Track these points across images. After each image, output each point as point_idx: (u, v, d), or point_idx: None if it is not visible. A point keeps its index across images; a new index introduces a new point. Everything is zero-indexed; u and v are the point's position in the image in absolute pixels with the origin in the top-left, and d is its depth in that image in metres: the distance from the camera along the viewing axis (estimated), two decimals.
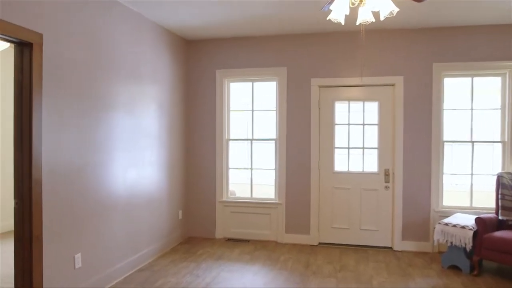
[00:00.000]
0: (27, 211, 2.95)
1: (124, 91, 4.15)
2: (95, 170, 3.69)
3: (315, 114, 5.27)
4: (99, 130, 3.74)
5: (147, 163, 4.61)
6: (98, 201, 3.74)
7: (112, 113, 3.94)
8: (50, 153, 3.12)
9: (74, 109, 3.40)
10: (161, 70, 4.93)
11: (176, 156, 5.34)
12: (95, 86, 3.67)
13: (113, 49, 3.94)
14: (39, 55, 2.98)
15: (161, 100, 4.93)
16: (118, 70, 4.03)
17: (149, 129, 4.66)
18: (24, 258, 2.96)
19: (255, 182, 5.65)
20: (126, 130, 4.19)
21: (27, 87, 2.93)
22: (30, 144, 2.93)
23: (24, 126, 2.94)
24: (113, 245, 3.95)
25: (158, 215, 4.87)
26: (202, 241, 5.48)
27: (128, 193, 4.23)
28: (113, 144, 3.96)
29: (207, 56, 5.60)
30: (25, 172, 2.95)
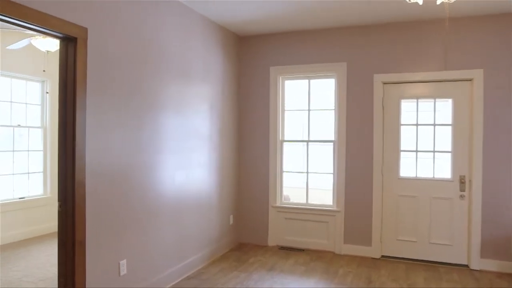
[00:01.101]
0: (70, 214, 2.81)
1: (173, 89, 3.96)
2: (142, 172, 3.51)
3: (378, 113, 4.77)
4: (146, 130, 3.56)
5: (196, 165, 4.40)
6: (145, 205, 3.56)
7: (159, 113, 3.75)
8: (94, 154, 2.96)
9: (120, 108, 3.23)
10: (212, 67, 4.70)
11: (227, 158, 5.09)
12: (141, 84, 3.50)
13: (162, 46, 3.76)
14: (84, 51, 2.83)
15: (212, 99, 4.71)
16: (166, 68, 3.84)
17: (199, 129, 4.44)
18: (67, 263, 2.82)
19: (311, 187, 5.25)
20: (174, 131, 4.00)
21: (71, 85, 2.79)
22: (74, 144, 2.79)
23: (68, 126, 2.80)
24: (160, 251, 3.76)
25: (208, 219, 4.64)
26: (254, 248, 5.18)
27: (176, 196, 4.03)
28: (160, 145, 3.78)
29: (261, 53, 5.31)
30: (68, 174, 2.81)
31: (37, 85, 5.88)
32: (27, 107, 5.76)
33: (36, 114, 5.90)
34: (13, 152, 5.56)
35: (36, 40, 4.31)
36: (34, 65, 5.53)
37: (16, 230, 5.43)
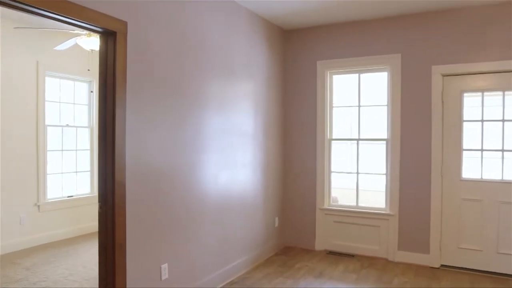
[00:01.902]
0: (110, 216, 2.71)
1: (215, 85, 3.79)
2: (183, 172, 3.37)
3: (437, 108, 4.35)
4: (188, 129, 3.42)
5: (240, 165, 4.21)
6: (187, 206, 3.41)
7: (202, 110, 3.60)
8: (134, 153, 2.85)
9: (160, 105, 3.10)
10: (256, 63, 4.50)
11: (272, 158, 4.87)
12: (183, 80, 3.35)
13: (204, 40, 3.60)
14: (123, 46, 2.72)
15: (256, 96, 4.50)
16: (209, 63, 3.68)
17: (243, 128, 4.25)
18: (107, 266, 2.72)
19: (361, 188, 4.91)
20: (217, 129, 3.83)
21: (111, 81, 2.68)
22: (113, 143, 2.68)
23: (107, 124, 2.70)
24: (202, 255, 3.60)
25: (252, 222, 4.44)
26: (300, 252, 4.92)
27: (219, 197, 3.86)
28: (203, 144, 3.62)
29: (307, 47, 5.03)
30: (108, 174, 2.70)
31: (84, 85, 5.96)
32: (75, 107, 5.85)
33: (83, 114, 5.98)
34: (62, 152, 5.66)
35: (81, 39, 4.31)
36: (80, 65, 5.60)
37: (64, 228, 5.52)
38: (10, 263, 4.48)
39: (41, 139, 5.22)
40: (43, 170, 5.27)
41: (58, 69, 5.44)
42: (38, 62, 5.17)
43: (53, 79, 5.51)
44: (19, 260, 4.60)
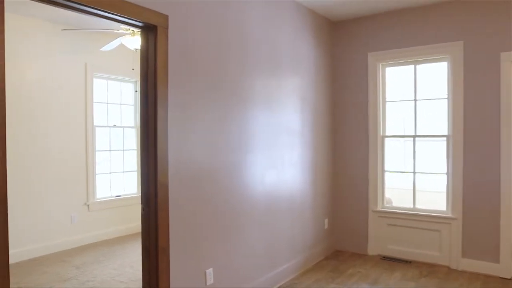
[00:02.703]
0: (153, 219, 2.60)
1: (260, 81, 3.60)
2: (228, 172, 3.21)
3: (507, 100, 3.89)
4: (232, 127, 3.25)
5: (288, 164, 4.00)
6: (232, 208, 3.25)
7: (246, 107, 3.42)
8: (176, 154, 2.72)
9: (203, 102, 2.96)
10: (303, 56, 4.26)
11: (321, 156, 4.61)
12: (226, 77, 3.19)
13: (248, 34, 3.42)
14: (164, 40, 2.59)
15: (303, 91, 4.27)
16: (253, 58, 3.49)
17: (290, 125, 4.04)
18: (151, 271, 2.61)
19: (418, 188, 4.52)
20: (263, 127, 3.64)
21: (152, 78, 2.57)
22: (155, 142, 2.57)
23: (149, 124, 2.59)
24: (249, 259, 3.43)
25: (301, 224, 4.21)
26: (352, 257, 4.63)
27: (266, 198, 3.67)
28: (248, 143, 3.45)
29: (357, 38, 4.72)
30: (150, 175, 2.59)
31: (130, 86, 6.01)
32: (121, 107, 5.91)
33: (130, 114, 6.03)
34: (110, 152, 5.73)
35: (125, 39, 4.28)
36: (126, 65, 5.62)
37: (113, 227, 5.58)
38: (61, 261, 4.56)
39: (89, 140, 5.30)
40: (92, 170, 5.35)
41: (105, 70, 5.50)
42: (87, 64, 5.25)
43: (101, 80, 5.58)
44: (70, 258, 4.67)
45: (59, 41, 4.94)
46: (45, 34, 4.80)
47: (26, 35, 4.63)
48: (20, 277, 4.10)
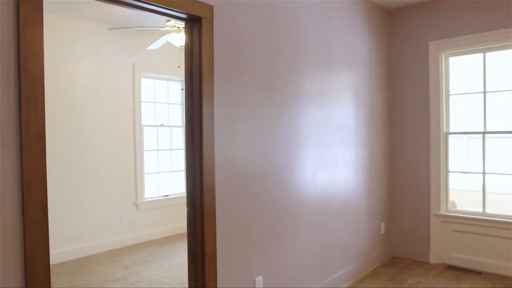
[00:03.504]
0: (199, 222, 2.44)
1: (311, 77, 3.36)
2: (278, 172, 3.00)
3: None
4: (282, 125, 3.04)
5: (341, 164, 3.73)
6: (282, 211, 3.04)
7: (296, 105, 3.19)
8: (223, 153, 2.55)
9: (251, 100, 2.77)
10: (357, 49, 3.96)
11: (376, 155, 4.28)
12: (275, 71, 2.98)
13: (297, 26, 3.19)
14: (209, 32, 2.43)
15: (357, 86, 3.96)
16: (303, 51, 3.25)
17: (343, 122, 3.75)
18: (197, 277, 2.46)
19: (488, 191, 4.06)
20: (314, 125, 3.40)
21: (197, 72, 2.42)
22: (201, 142, 2.41)
23: (195, 122, 2.44)
24: (300, 266, 3.20)
25: (355, 228, 3.92)
26: (412, 264, 4.26)
27: (318, 201, 3.43)
28: (298, 142, 3.22)
29: (415, 27, 4.33)
30: (196, 176, 2.44)
31: (177, 84, 5.97)
32: (168, 106, 5.88)
33: (177, 113, 5.99)
34: (158, 151, 5.72)
35: (171, 36, 4.20)
36: (172, 64, 5.57)
37: (161, 227, 5.57)
38: (111, 261, 4.58)
39: (138, 139, 5.30)
40: (141, 170, 5.35)
41: (152, 69, 5.49)
42: (134, 64, 5.25)
43: (148, 80, 5.58)
44: (120, 258, 4.68)
45: (106, 41, 4.97)
46: (93, 35, 4.85)
47: (74, 36, 4.68)
48: (72, 276, 4.15)
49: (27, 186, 1.66)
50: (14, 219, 1.64)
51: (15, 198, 1.64)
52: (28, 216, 1.67)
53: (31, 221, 1.68)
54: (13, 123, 1.64)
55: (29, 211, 1.67)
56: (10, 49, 1.63)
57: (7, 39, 1.62)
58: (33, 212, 1.68)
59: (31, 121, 1.67)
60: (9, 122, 1.63)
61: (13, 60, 1.64)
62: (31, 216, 1.67)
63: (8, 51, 1.63)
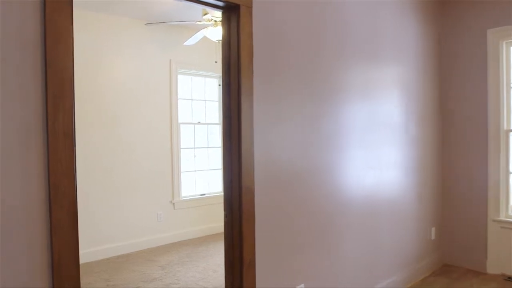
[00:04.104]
0: (237, 227, 2.27)
1: (357, 70, 3.10)
2: (321, 173, 2.78)
3: None
4: (325, 122, 2.81)
5: (388, 165, 3.45)
6: (325, 215, 2.82)
7: (342, 100, 2.95)
8: (263, 153, 2.36)
9: (293, 93, 2.56)
10: (406, 40, 3.65)
11: (427, 155, 3.95)
12: (318, 65, 2.76)
13: (342, 16, 2.94)
14: (248, 22, 2.25)
15: (406, 80, 3.66)
16: (348, 43, 3.00)
17: (391, 119, 3.47)
18: (234, 286, 2.29)
19: None
20: (360, 122, 3.14)
21: (235, 66, 2.24)
22: (239, 140, 2.23)
23: (232, 118, 2.27)
24: (344, 273, 2.97)
25: (404, 233, 3.62)
26: (466, 274, 3.90)
27: (364, 204, 3.17)
28: (343, 140, 2.98)
29: (471, 13, 3.95)
30: (234, 177, 2.27)
31: (214, 81, 5.85)
32: (205, 103, 5.77)
33: (214, 111, 5.88)
34: (194, 149, 5.63)
35: (208, 30, 4.07)
36: (209, 60, 5.43)
37: (197, 226, 5.47)
38: (147, 260, 4.52)
39: (175, 137, 5.23)
40: (177, 168, 5.27)
41: (189, 66, 5.39)
42: (171, 60, 5.17)
43: (185, 76, 5.49)
44: (156, 257, 4.62)
45: (143, 38, 4.92)
46: (129, 31, 4.80)
47: (111, 33, 4.65)
48: (110, 274, 4.12)
49: (54, 187, 1.54)
50: (40, 223, 1.53)
51: (41, 201, 1.53)
52: (55, 220, 1.55)
53: (59, 225, 1.56)
54: (39, 122, 1.53)
55: (56, 214, 1.55)
56: (36, 40, 1.52)
57: (32, 28, 1.51)
58: (60, 215, 1.56)
59: (58, 119, 1.55)
60: (35, 121, 1.52)
61: (39, 52, 1.52)
62: (58, 220, 1.56)
63: (33, 42, 1.51)
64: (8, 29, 1.46)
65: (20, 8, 1.48)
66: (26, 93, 1.50)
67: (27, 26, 1.50)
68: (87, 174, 4.45)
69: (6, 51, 1.45)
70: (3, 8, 1.44)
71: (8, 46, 1.46)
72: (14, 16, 1.47)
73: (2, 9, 1.44)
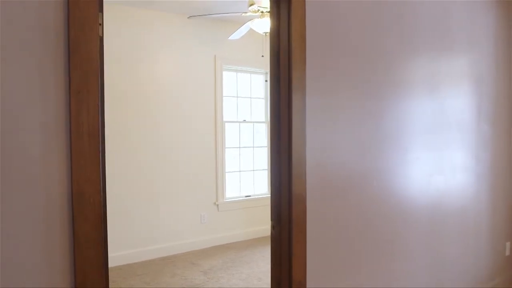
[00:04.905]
0: (286, 242, 1.99)
1: (424, 63, 2.71)
2: (381, 179, 2.42)
3: None
4: (385, 120, 2.45)
5: (457, 169, 3.01)
6: (386, 227, 2.46)
7: (404, 94, 2.58)
8: (317, 155, 2.06)
9: (350, 87, 2.23)
10: (478, 30, 3.18)
11: (501, 159, 3.45)
12: (380, 57, 2.40)
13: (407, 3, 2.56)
14: (301, 10, 1.95)
15: (478, 74, 3.19)
16: (412, 32, 2.62)
17: (461, 118, 3.03)
18: None
19: None
20: (425, 120, 2.74)
21: (285, 55, 1.95)
22: (289, 140, 1.95)
23: (282, 115, 1.98)
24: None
25: (473, 248, 3.17)
26: None
27: (430, 214, 2.77)
28: (406, 140, 2.60)
29: None
30: (283, 183, 1.99)
31: (260, 77, 5.59)
32: (251, 101, 5.53)
33: (260, 108, 5.62)
34: (239, 149, 5.41)
35: (254, 22, 3.81)
36: (255, 55, 5.15)
37: (242, 229, 5.25)
38: (190, 264, 4.36)
39: (219, 136, 5.03)
40: (222, 168, 5.07)
41: (234, 62, 5.17)
42: (216, 56, 4.97)
43: (230, 73, 5.27)
44: (199, 261, 4.45)
45: (186, 34, 4.75)
46: (172, 27, 4.64)
47: (152, 29, 4.51)
48: (151, 277, 3.99)
49: (78, 196, 1.34)
50: (63, 237, 1.34)
51: (63, 212, 1.33)
52: (79, 233, 1.35)
53: (83, 239, 1.36)
54: (61, 121, 1.33)
55: (80, 227, 1.35)
56: (58, 27, 1.32)
57: (54, 13, 1.31)
58: (85, 228, 1.36)
59: (82, 118, 1.34)
60: (56, 120, 1.32)
61: (62, 40, 1.32)
62: (83, 233, 1.36)
63: (55, 29, 1.31)
64: (27, 14, 1.26)
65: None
66: (47, 87, 1.30)
67: (48, 11, 1.30)
68: (130, 175, 4.36)
69: (25, 39, 1.26)
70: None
71: (27, 34, 1.27)
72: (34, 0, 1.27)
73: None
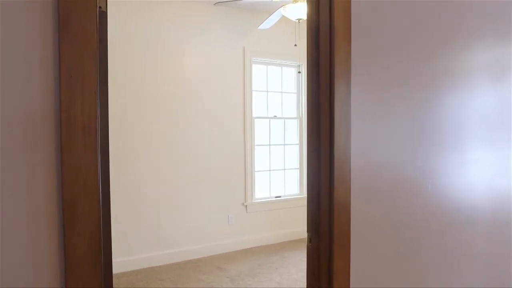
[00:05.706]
0: (326, 257, 1.67)
1: (482, 46, 2.30)
2: (435, 184, 2.05)
3: None
4: (438, 114, 2.07)
5: None
6: (441, 240, 2.09)
7: (461, 88, 2.19)
8: (363, 155, 1.73)
9: (400, 76, 1.88)
10: None
11: None
12: (432, 40, 2.02)
13: None
14: None
15: None
16: (472, 12, 2.22)
17: None
18: None
19: None
20: (487, 114, 2.33)
21: (325, 37, 1.63)
22: (330, 137, 1.63)
23: (322, 106, 1.66)
24: None
25: None
26: None
27: (492, 224, 2.37)
28: (463, 138, 2.21)
29: None
30: (322, 188, 1.67)
31: (292, 70, 5.27)
32: (282, 96, 5.21)
33: (291, 104, 5.29)
34: (269, 146, 5.10)
35: (286, 8, 3.49)
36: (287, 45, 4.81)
37: (271, 232, 4.95)
38: (216, 268, 4.11)
39: (248, 133, 4.75)
40: (251, 167, 4.79)
41: (264, 54, 4.87)
42: (245, 48, 4.69)
43: (259, 66, 4.97)
44: (226, 265, 4.19)
45: (213, 23, 4.49)
46: (197, 15, 4.38)
47: (175, 18, 4.27)
48: (175, 283, 3.77)
49: (69, 207, 1.07)
50: (52, 257, 1.08)
51: (53, 226, 1.07)
52: (71, 252, 1.09)
53: (76, 259, 1.10)
54: (49, 111, 1.06)
55: (72, 245, 1.09)
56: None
57: None
58: (78, 246, 1.10)
59: (75, 109, 1.07)
60: (43, 111, 1.06)
61: (51, 13, 1.06)
62: (75, 252, 1.09)
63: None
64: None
65: None
66: (31, 69, 1.04)
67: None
68: (156, 174, 4.15)
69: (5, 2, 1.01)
70: None
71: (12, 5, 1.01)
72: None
73: None
